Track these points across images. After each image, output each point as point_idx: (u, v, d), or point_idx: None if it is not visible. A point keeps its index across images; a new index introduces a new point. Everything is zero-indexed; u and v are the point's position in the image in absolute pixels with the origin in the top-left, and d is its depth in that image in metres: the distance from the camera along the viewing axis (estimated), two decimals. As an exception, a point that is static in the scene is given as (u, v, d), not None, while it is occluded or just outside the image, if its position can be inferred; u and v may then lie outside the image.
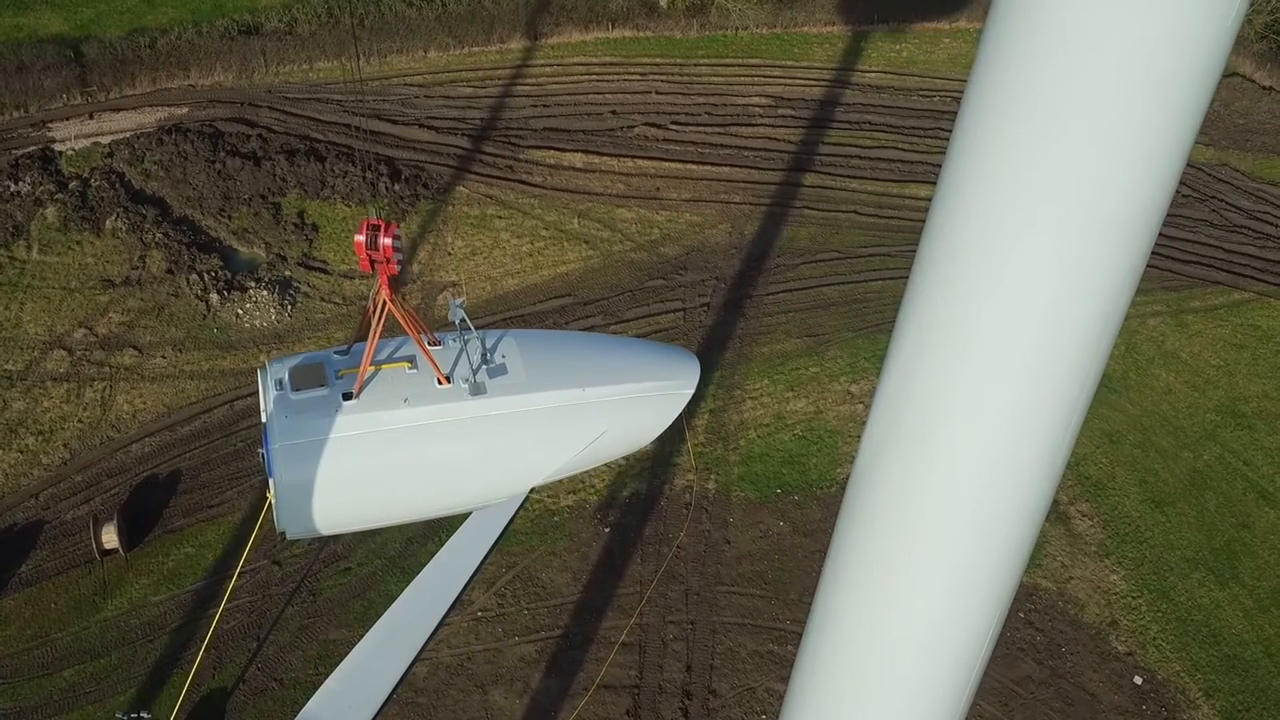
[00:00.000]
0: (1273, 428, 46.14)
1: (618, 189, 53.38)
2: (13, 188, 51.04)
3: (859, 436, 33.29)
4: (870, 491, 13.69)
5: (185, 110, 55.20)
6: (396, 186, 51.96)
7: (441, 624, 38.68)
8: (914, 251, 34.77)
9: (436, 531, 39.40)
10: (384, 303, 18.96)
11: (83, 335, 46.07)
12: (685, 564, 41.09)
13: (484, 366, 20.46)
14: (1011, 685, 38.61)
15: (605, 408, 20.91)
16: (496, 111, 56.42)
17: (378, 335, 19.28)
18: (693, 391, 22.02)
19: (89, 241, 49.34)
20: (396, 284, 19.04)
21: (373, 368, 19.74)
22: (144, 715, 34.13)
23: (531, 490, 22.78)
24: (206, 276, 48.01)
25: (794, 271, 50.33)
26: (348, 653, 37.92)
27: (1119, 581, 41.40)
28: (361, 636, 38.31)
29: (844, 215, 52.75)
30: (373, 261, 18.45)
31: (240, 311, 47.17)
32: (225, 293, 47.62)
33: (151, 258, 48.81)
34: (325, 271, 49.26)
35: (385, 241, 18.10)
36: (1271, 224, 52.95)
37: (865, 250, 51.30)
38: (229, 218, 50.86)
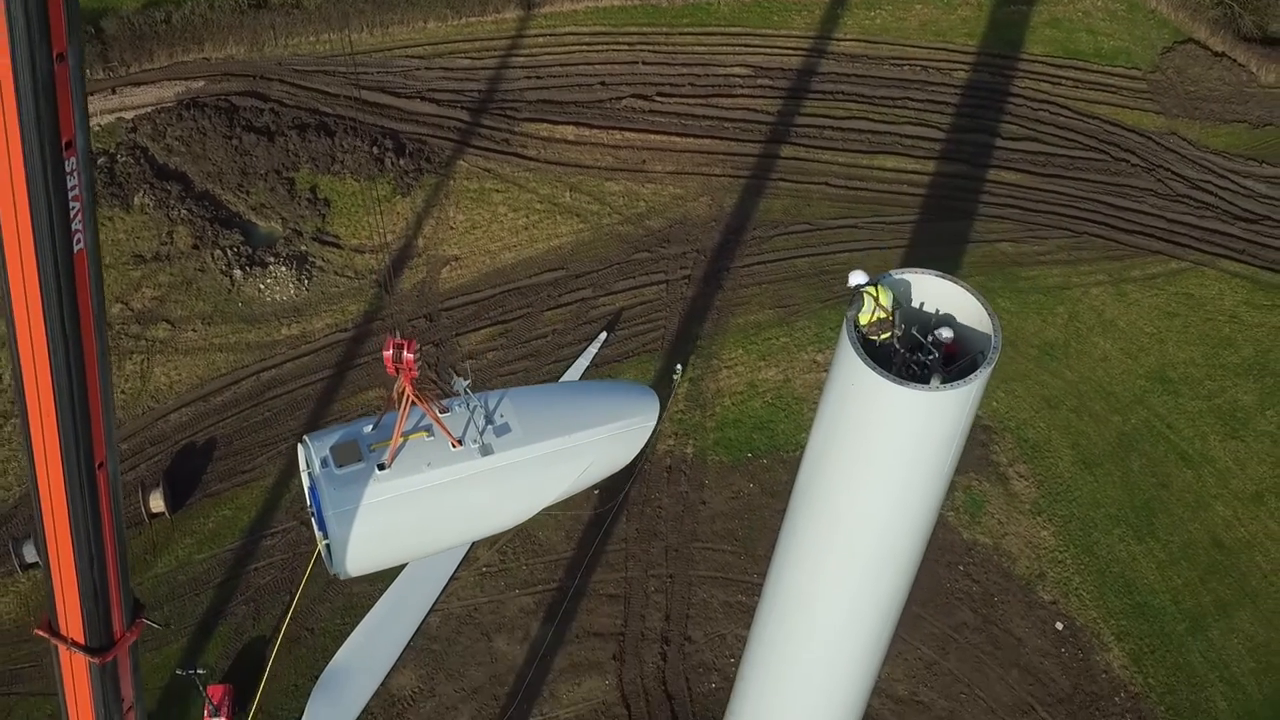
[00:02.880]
0: (1196, 392, 51.14)
1: (606, 162, 57.48)
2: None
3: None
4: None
5: (201, 84, 58.92)
6: (401, 161, 56.05)
7: (451, 580, 44.50)
8: (879, 223, 41.98)
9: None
10: (408, 396, 23.71)
11: (119, 310, 50.67)
12: (665, 523, 46.43)
13: (489, 427, 25.30)
14: (948, 631, 44.26)
15: (587, 448, 25.96)
16: (493, 84, 60.15)
17: (404, 421, 24.05)
18: (655, 424, 27.10)
19: (119, 217, 53.58)
20: (415, 382, 23.70)
21: (401, 439, 24.62)
22: (199, 671, 39.58)
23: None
24: (229, 252, 52.42)
25: (768, 244, 54.79)
26: (371, 606, 43.87)
27: (1049, 537, 46.83)
28: (383, 592, 44.26)
29: (815, 187, 56.99)
30: (398, 369, 23.17)
31: (262, 286, 51.74)
32: (247, 268, 52.11)
33: (178, 233, 53.16)
34: (338, 246, 53.68)
35: (408, 356, 22.81)
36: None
37: (834, 223, 55.66)
38: (247, 193, 55.05)
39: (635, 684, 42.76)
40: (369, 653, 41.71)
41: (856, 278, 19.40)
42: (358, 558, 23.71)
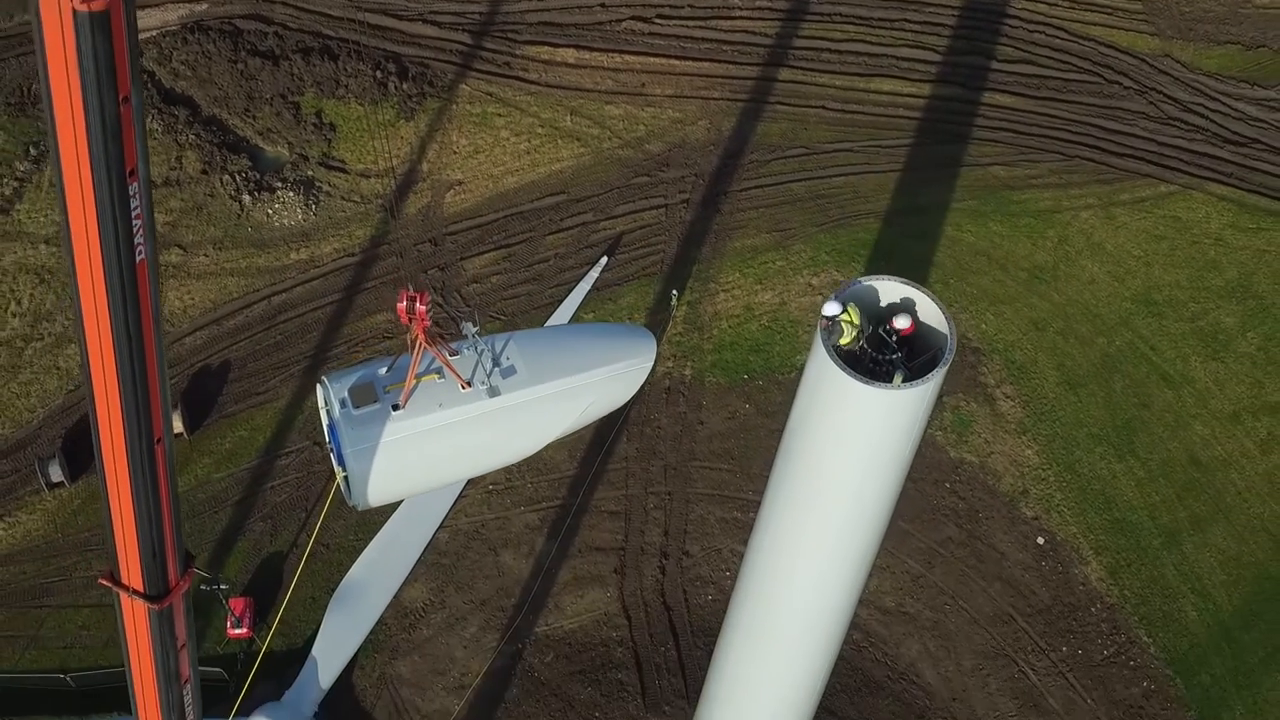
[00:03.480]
0: (1179, 315, 52.64)
1: (606, 85, 58.28)
2: (55, 89, 55.95)
3: (817, 326, 42.27)
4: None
5: (205, 7, 59.45)
6: (404, 85, 56.88)
7: (459, 498, 46.44)
8: (875, 147, 43.69)
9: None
10: (420, 343, 25.24)
11: (133, 235, 51.94)
12: (664, 442, 48.28)
13: (496, 369, 26.87)
14: (934, 546, 46.38)
15: (588, 388, 27.58)
16: (494, 5, 60.58)
17: (417, 364, 25.60)
18: (651, 364, 28.71)
19: (129, 142, 54.59)
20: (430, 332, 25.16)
21: (414, 381, 26.20)
22: (222, 586, 41.72)
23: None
24: (238, 177, 53.56)
25: (765, 168, 55.86)
26: (383, 523, 45.94)
27: (1033, 455, 48.72)
28: (395, 509, 46.22)
29: (812, 111, 57.84)
30: (411, 319, 24.66)
31: (270, 211, 52.98)
32: (255, 193, 53.30)
33: (187, 158, 54.24)
34: (344, 171, 54.79)
35: (420, 308, 24.29)
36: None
37: (830, 146, 56.65)
38: (253, 117, 55.99)
39: (635, 596, 44.96)
40: (382, 567, 43.73)
41: (830, 309, 20.91)
42: (374, 491, 25.41)
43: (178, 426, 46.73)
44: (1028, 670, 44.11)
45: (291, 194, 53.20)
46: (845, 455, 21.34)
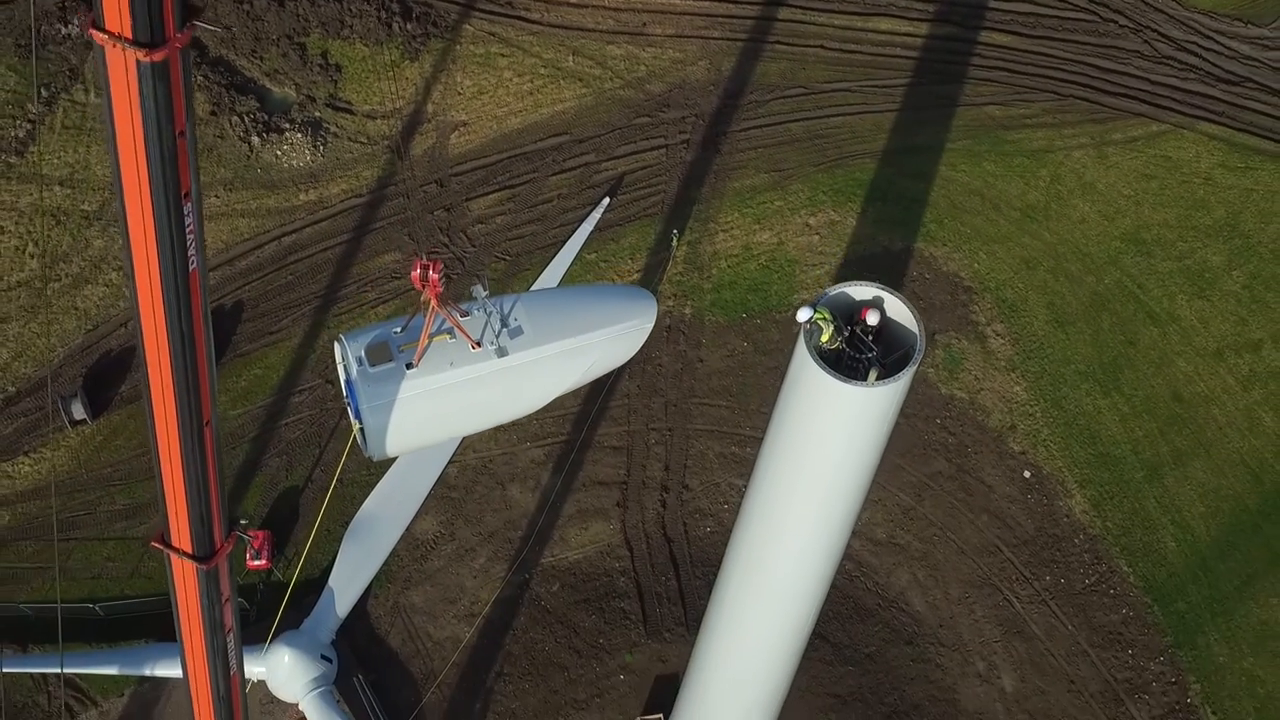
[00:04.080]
0: (1167, 254, 53.97)
1: (607, 25, 59.00)
2: (63, 30, 56.70)
3: (814, 265, 45.65)
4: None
5: (210, -54, 59.93)
6: (408, 25, 57.61)
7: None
8: (872, 86, 44.96)
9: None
10: (433, 306, 26.67)
11: (145, 177, 53.12)
12: (665, 380, 49.90)
13: (504, 330, 28.36)
14: (924, 479, 48.20)
15: (591, 348, 29.12)
16: (496, -57, 61.08)
17: (430, 327, 27.06)
18: (652, 325, 30.19)
19: (139, 84, 55.49)
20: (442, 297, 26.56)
21: (427, 341, 27.70)
22: (241, 520, 43.54)
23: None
24: (246, 119, 54.55)
25: (764, 108, 56.81)
26: (394, 459, 47.54)
27: (1021, 392, 50.37)
28: (405, 446, 47.51)
29: (811, 50, 58.62)
30: (424, 285, 26.05)
31: (279, 153, 54.07)
32: (264, 135, 54.33)
33: (196, 100, 55.16)
34: (350, 112, 55.76)
35: (434, 276, 25.68)
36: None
37: (829, 86, 57.53)
38: (260, 58, 56.82)
39: (637, 528, 46.88)
40: (394, 501, 45.51)
41: (803, 314, 22.51)
42: (388, 444, 27.01)
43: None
44: (1012, 599, 46.15)
45: (299, 135, 54.25)
46: (823, 445, 23.70)
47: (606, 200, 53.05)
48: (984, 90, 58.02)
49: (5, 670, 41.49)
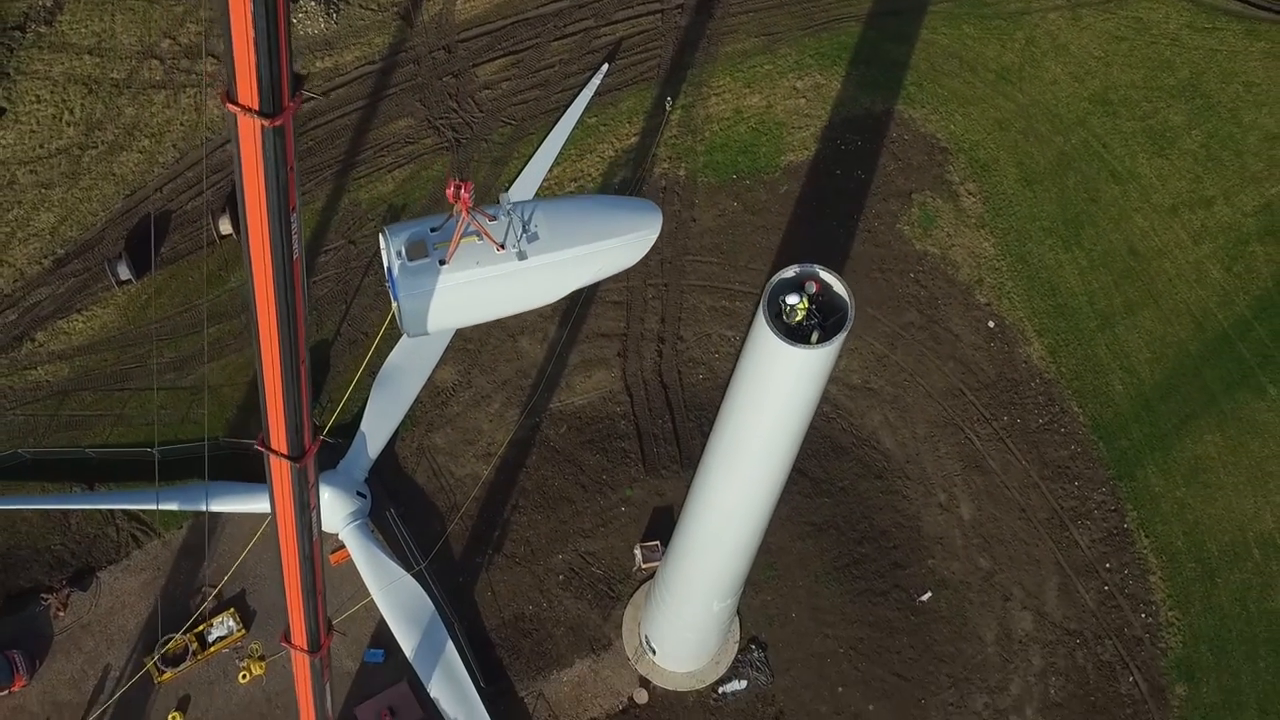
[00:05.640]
0: (1132, 114, 57.49)
1: (605, -114, 60.99)
2: (80, -104, 58.70)
3: (800, 127, 50.74)
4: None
5: None
6: (412, -111, 59.65)
7: (481, 292, 51.99)
8: None
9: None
10: (464, 217, 30.83)
11: (169, 45, 56.23)
12: (660, 238, 53.88)
13: (524, 235, 32.61)
14: (897, 330, 52.93)
15: (601, 254, 33.37)
16: None
17: (461, 231, 31.28)
18: (657, 234, 34.43)
19: (156, -49, 57.98)
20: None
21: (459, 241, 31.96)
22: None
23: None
24: (262, -14, 57.17)
25: (756, -29, 59.43)
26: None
27: (989, 248, 54.66)
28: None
29: (801, -88, 60.83)
30: (456, 200, 30.16)
31: (294, 20, 56.93)
32: (280, 2, 57.02)
33: (212, -33, 57.75)
34: (360, -22, 58.40)
35: (465, 195, 29.76)
36: None
37: (818, -52, 60.03)
38: (271, -76, 59.00)
39: (636, 375, 51.81)
40: (417, 353, 50.23)
41: (793, 299, 28.86)
42: (422, 325, 31.71)
43: (227, 229, 52.27)
44: (973, 437, 51.43)
45: (314, 3, 57.01)
46: (776, 390, 30.68)
47: (605, 67, 56.21)
48: (966, -49, 60.45)
49: (84, 507, 46.95)
